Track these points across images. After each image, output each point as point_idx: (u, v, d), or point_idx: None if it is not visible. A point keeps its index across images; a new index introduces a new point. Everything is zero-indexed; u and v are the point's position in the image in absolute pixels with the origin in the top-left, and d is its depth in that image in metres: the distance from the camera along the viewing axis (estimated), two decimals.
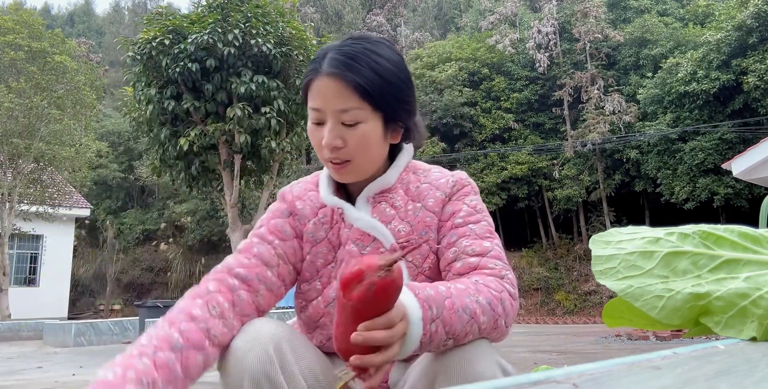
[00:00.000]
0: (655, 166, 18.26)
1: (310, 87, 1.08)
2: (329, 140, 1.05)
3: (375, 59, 1.06)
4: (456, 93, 21.74)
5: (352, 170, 1.10)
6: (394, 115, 1.09)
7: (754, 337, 0.52)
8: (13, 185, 14.93)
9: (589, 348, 8.25)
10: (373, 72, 1.04)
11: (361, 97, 1.03)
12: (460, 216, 1.10)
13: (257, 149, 10.74)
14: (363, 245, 1.11)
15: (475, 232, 1.08)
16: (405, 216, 1.12)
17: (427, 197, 1.13)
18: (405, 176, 1.17)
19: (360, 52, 1.05)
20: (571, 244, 21.28)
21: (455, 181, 1.15)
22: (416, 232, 1.11)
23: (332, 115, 1.05)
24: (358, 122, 1.05)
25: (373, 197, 1.14)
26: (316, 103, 1.06)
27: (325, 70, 1.05)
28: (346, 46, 1.07)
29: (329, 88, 1.04)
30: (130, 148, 27.77)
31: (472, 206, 1.12)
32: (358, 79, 1.03)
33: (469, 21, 29.64)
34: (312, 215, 1.16)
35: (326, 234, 1.14)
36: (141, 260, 25.31)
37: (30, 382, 5.26)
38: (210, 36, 9.84)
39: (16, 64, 14.77)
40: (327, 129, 1.06)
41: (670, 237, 0.59)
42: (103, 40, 46.96)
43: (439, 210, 1.12)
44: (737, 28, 16.31)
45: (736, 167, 7.79)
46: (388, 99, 1.06)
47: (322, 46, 1.14)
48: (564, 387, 0.33)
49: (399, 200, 1.14)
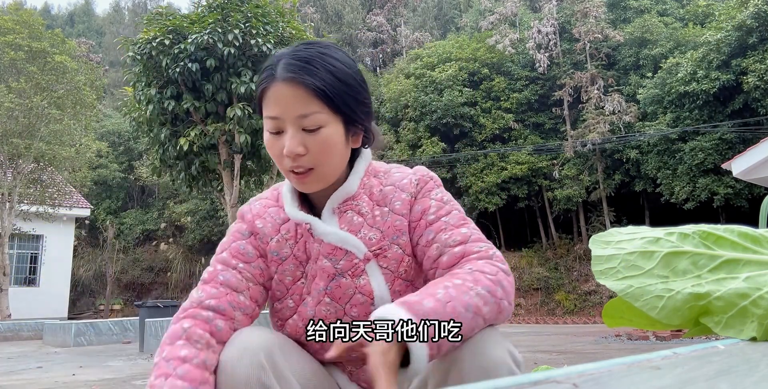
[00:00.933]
0: (655, 166, 18.26)
1: (266, 95, 1.05)
2: (291, 148, 1.02)
3: (330, 62, 1.04)
4: (456, 93, 21.74)
5: (316, 179, 1.07)
6: (355, 117, 1.07)
7: (754, 337, 0.52)
8: (13, 185, 14.93)
9: (589, 348, 8.25)
10: (331, 74, 1.03)
11: (321, 100, 1.02)
12: (431, 213, 1.09)
13: (257, 149, 10.74)
14: (336, 259, 1.09)
15: (450, 223, 1.08)
16: (373, 223, 1.11)
17: (393, 200, 1.12)
18: (366, 181, 1.14)
19: (315, 56, 1.04)
20: (571, 244, 21.27)
21: (417, 179, 1.14)
22: (387, 237, 1.10)
23: (292, 121, 1.03)
24: (319, 126, 1.03)
25: (338, 206, 1.12)
26: (273, 111, 1.04)
27: (281, 76, 1.02)
28: (299, 51, 1.06)
29: (287, 94, 1.02)
30: (130, 148, 27.78)
31: (438, 200, 1.11)
32: (317, 82, 1.01)
33: (469, 21, 29.63)
34: (274, 232, 1.13)
35: (291, 250, 1.12)
36: (141, 260, 25.32)
37: (30, 382, 5.26)
38: (210, 36, 9.84)
39: (16, 64, 14.77)
40: (288, 137, 1.03)
41: (670, 237, 0.59)
42: (103, 40, 46.96)
43: (407, 212, 1.11)
44: (737, 28, 16.30)
45: (736, 167, 7.79)
46: (347, 101, 1.04)
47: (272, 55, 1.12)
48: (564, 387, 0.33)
49: (365, 207, 1.12)
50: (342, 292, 1.09)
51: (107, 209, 26.40)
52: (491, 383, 0.36)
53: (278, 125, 1.04)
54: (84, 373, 5.86)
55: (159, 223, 26.36)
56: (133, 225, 26.18)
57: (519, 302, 19.75)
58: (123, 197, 27.75)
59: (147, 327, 8.40)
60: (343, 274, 1.09)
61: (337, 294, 1.09)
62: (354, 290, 1.09)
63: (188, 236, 24.76)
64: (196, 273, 23.37)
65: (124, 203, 27.85)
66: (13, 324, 12.23)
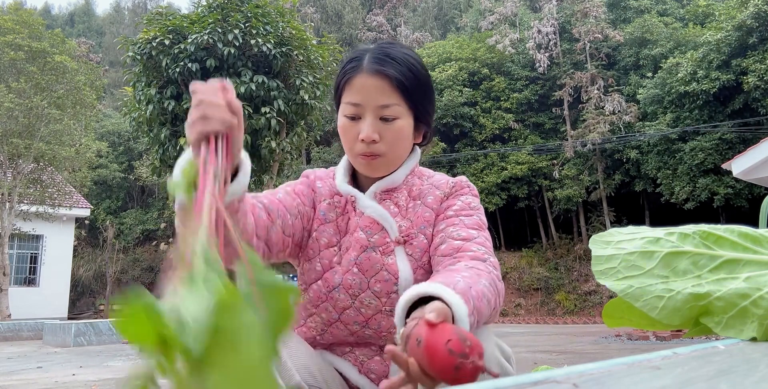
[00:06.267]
0: (655, 166, 18.26)
1: (350, 83, 1.12)
2: (368, 133, 1.10)
3: (411, 62, 1.13)
4: (456, 93, 21.74)
5: (382, 164, 1.15)
6: (424, 113, 1.16)
7: (754, 337, 0.52)
8: (13, 185, 14.93)
9: (589, 348, 8.25)
10: (411, 72, 1.11)
11: (401, 94, 1.10)
12: (452, 210, 1.15)
13: (257, 149, 10.74)
14: (371, 233, 1.15)
15: (464, 222, 1.12)
16: (406, 214, 1.18)
17: (427, 195, 1.19)
18: (410, 179, 1.22)
19: (399, 54, 1.13)
20: (571, 244, 21.27)
21: (455, 182, 1.21)
22: (416, 227, 1.16)
23: (372, 110, 1.10)
24: (396, 117, 1.11)
25: (380, 194, 1.19)
26: (355, 98, 1.11)
27: (368, 67, 1.10)
28: (383, 47, 1.14)
29: (372, 85, 1.10)
30: (130, 148, 27.78)
31: (466, 203, 1.17)
32: (400, 76, 1.09)
33: (469, 21, 29.64)
34: (328, 195, 1.22)
35: (336, 217, 1.19)
36: (141, 260, 25.32)
37: (30, 382, 5.26)
38: (210, 36, 9.84)
39: (16, 64, 14.77)
40: (366, 123, 1.10)
41: (670, 237, 0.59)
42: (103, 40, 46.98)
43: (437, 207, 1.18)
44: (737, 28, 16.30)
45: (736, 167, 7.79)
46: (420, 98, 1.13)
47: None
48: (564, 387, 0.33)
49: (402, 200, 1.19)
50: (370, 265, 1.13)
51: (107, 209, 26.40)
52: (491, 383, 0.36)
53: (358, 111, 1.12)
54: (84, 373, 5.86)
55: (159, 223, 26.36)
56: (133, 225, 26.18)
57: (519, 302, 19.74)
58: (123, 197, 27.76)
59: None
60: (375, 248, 1.14)
61: (366, 265, 1.13)
62: (381, 265, 1.13)
63: None
64: None
65: (124, 203, 27.85)
66: (13, 324, 12.23)
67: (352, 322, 1.14)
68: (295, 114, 10.87)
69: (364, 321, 1.13)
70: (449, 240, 1.10)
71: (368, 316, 1.13)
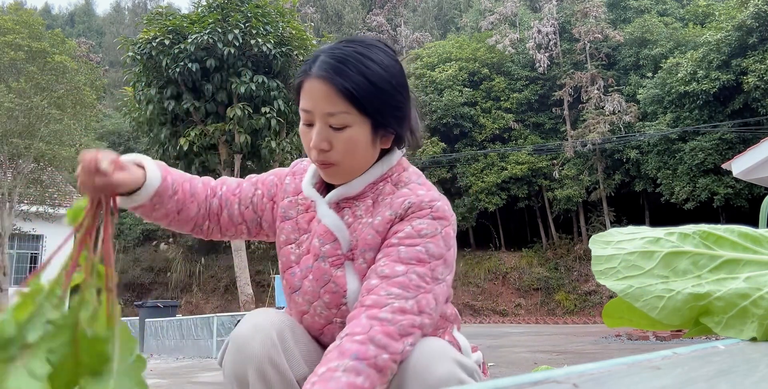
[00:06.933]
0: (655, 166, 18.26)
1: (302, 88, 1.08)
2: (316, 143, 1.05)
3: (366, 64, 1.05)
4: (456, 93, 21.74)
5: (338, 173, 1.10)
6: (383, 120, 1.07)
7: (754, 337, 0.52)
8: (13, 185, 14.93)
9: (589, 348, 8.25)
10: (363, 77, 1.03)
11: (349, 101, 1.03)
12: (397, 236, 1.04)
13: (257, 149, 10.74)
14: (324, 242, 1.11)
15: (400, 254, 1.02)
16: (356, 229, 1.10)
17: (378, 214, 1.09)
18: (381, 186, 1.13)
19: (351, 56, 1.05)
20: (571, 244, 21.27)
21: (412, 203, 1.07)
22: (358, 248, 1.09)
23: (320, 117, 1.05)
24: (345, 126, 1.04)
25: (337, 202, 1.13)
26: (306, 104, 1.07)
27: (314, 73, 1.05)
28: (338, 49, 1.07)
29: (318, 91, 1.04)
30: (130, 148, 27.78)
31: (416, 230, 1.04)
32: (346, 83, 1.02)
33: (469, 21, 29.64)
34: (292, 193, 1.20)
35: (296, 215, 1.17)
36: (141, 260, 25.32)
37: None
38: (210, 36, 9.84)
39: (16, 64, 14.76)
40: (315, 131, 1.06)
41: (670, 237, 0.59)
42: (103, 40, 46.98)
43: (383, 230, 1.07)
44: (737, 28, 16.30)
45: (736, 167, 7.78)
46: (377, 105, 1.05)
47: (318, 47, 1.17)
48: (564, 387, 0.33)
49: (361, 210, 1.12)
50: (320, 275, 1.11)
51: None
52: (491, 383, 0.36)
53: (309, 118, 1.08)
54: None
55: None
56: (133, 225, 26.19)
57: (519, 302, 19.75)
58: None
59: (147, 327, 8.40)
60: (325, 259, 1.11)
61: (317, 275, 1.11)
62: (330, 277, 1.10)
63: (188, 236, 24.67)
64: (196, 273, 23.37)
65: None
66: None
67: (312, 328, 1.13)
68: (295, 114, 10.85)
69: (319, 330, 1.12)
70: (371, 276, 1.02)
71: (322, 325, 1.11)
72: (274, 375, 1.02)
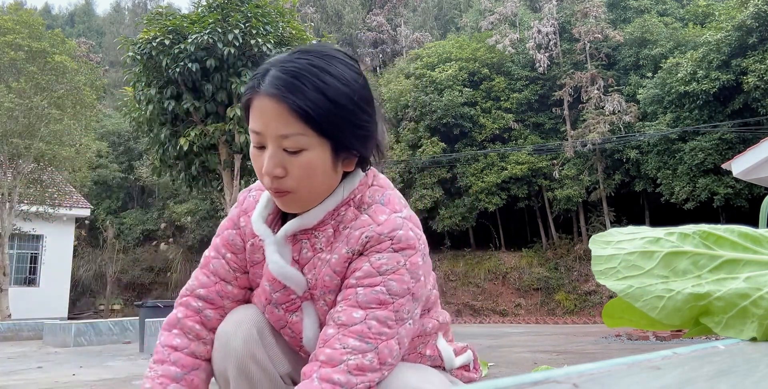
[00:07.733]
0: (655, 166, 18.26)
1: (251, 106, 0.95)
2: (268, 169, 0.93)
3: (323, 78, 0.92)
4: (456, 93, 21.74)
5: (295, 201, 0.98)
6: (345, 142, 0.95)
7: (754, 337, 0.52)
8: (13, 185, 14.93)
9: (589, 348, 8.25)
10: (320, 93, 0.91)
11: (304, 122, 0.90)
12: (355, 276, 0.96)
13: None
14: (273, 289, 1.05)
15: (358, 297, 0.93)
16: (315, 264, 1.02)
17: (336, 250, 0.99)
18: (343, 212, 1.01)
19: (306, 70, 0.92)
20: (571, 244, 21.27)
21: (369, 237, 0.97)
22: (317, 289, 1.02)
23: (273, 140, 0.93)
24: (301, 149, 0.92)
25: (294, 235, 1.03)
26: (256, 125, 0.94)
27: (264, 90, 0.92)
28: (290, 61, 0.94)
29: (269, 111, 0.91)
30: (130, 148, 27.78)
31: (375, 267, 0.94)
32: (300, 102, 0.90)
33: (469, 21, 29.63)
34: (251, 235, 1.09)
35: (263, 258, 1.07)
36: (141, 260, 25.32)
37: (30, 382, 5.25)
38: (210, 36, 9.84)
39: (16, 64, 14.77)
40: (267, 155, 0.93)
41: (670, 237, 0.59)
42: (103, 40, 46.96)
43: (341, 270, 0.99)
44: (737, 28, 16.30)
45: (736, 167, 7.79)
46: (337, 125, 0.93)
47: (267, 59, 1.00)
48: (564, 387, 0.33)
49: (322, 242, 1.01)
50: (275, 320, 1.08)
51: (107, 209, 26.40)
52: (492, 383, 0.36)
53: (260, 140, 0.95)
54: (84, 373, 5.85)
55: (159, 223, 26.37)
56: (133, 225, 26.19)
57: (519, 302, 19.75)
58: (123, 197, 27.76)
59: (147, 327, 8.39)
60: (278, 306, 1.05)
61: (272, 319, 1.08)
62: (285, 323, 1.06)
63: (188, 236, 24.77)
64: None
65: (124, 203, 27.85)
66: (13, 324, 12.23)
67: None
68: None
69: (291, 364, 1.10)
70: (329, 323, 0.95)
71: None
72: (256, 370, 1.01)
